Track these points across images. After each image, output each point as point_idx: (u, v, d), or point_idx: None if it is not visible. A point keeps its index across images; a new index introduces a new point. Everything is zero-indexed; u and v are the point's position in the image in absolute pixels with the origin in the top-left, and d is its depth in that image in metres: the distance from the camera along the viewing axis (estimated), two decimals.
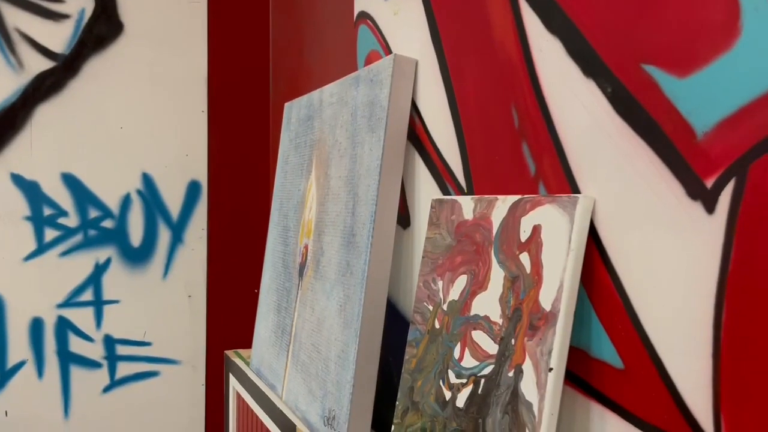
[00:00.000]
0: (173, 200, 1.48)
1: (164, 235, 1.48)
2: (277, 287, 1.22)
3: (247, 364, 1.33)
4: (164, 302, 1.48)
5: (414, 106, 0.90)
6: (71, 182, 1.41)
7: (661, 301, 0.52)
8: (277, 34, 1.59)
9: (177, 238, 1.49)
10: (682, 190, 0.50)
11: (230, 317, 1.55)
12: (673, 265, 0.51)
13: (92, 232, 1.42)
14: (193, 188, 1.50)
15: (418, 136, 0.90)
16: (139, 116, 1.46)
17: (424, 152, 0.89)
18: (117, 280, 1.44)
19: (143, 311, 1.46)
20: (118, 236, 1.44)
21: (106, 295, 1.43)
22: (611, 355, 0.57)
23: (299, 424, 1.00)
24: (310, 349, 1.02)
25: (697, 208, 0.49)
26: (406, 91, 0.89)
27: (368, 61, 1.06)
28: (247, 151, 1.57)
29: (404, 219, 0.95)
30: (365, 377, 0.87)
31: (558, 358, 0.57)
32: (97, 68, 1.43)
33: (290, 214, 1.21)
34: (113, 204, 1.44)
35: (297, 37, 1.44)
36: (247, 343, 1.42)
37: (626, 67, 0.55)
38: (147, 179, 1.46)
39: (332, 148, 1.05)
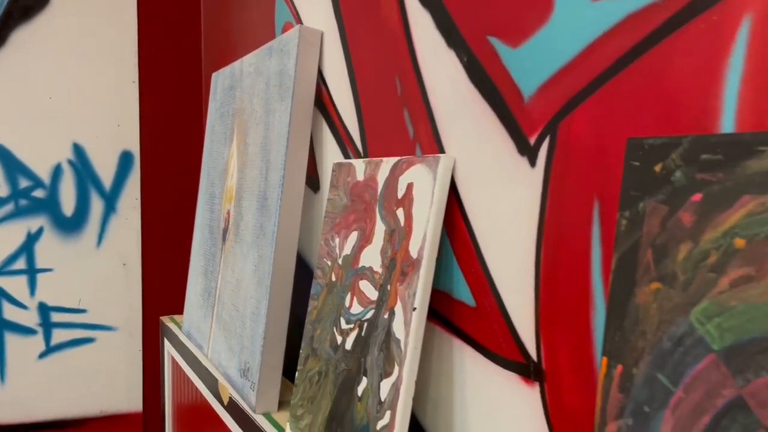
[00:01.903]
0: (105, 170, 1.53)
1: (97, 205, 1.53)
2: (204, 252, 1.28)
3: (181, 328, 1.40)
4: (99, 270, 1.53)
5: (321, 75, 0.97)
6: (0, 152, 1.45)
7: (500, 245, 0.61)
8: (208, 4, 1.63)
9: (110, 208, 1.54)
10: (514, 147, 0.59)
11: (165, 284, 1.61)
12: (508, 214, 0.60)
13: (23, 202, 1.46)
14: (125, 158, 1.55)
15: (324, 104, 0.97)
16: (69, 87, 1.49)
17: (330, 119, 0.96)
18: (50, 249, 1.49)
19: (77, 279, 1.52)
20: (49, 206, 1.48)
21: (40, 264, 1.48)
22: (467, 296, 0.66)
23: (221, 379, 1.08)
24: (230, 308, 1.10)
25: (524, 162, 0.58)
26: (312, 60, 0.96)
27: (284, 32, 1.12)
28: (179, 121, 1.62)
29: (315, 183, 1.02)
30: (275, 331, 0.95)
31: (421, 299, 0.66)
32: (24, 38, 1.46)
33: (216, 181, 1.27)
34: (44, 174, 1.48)
35: (225, 7, 1.49)
36: (182, 309, 1.49)
37: (476, 38, 0.63)
38: (78, 149, 1.50)
39: (250, 117, 1.11)
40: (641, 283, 0.41)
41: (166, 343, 1.47)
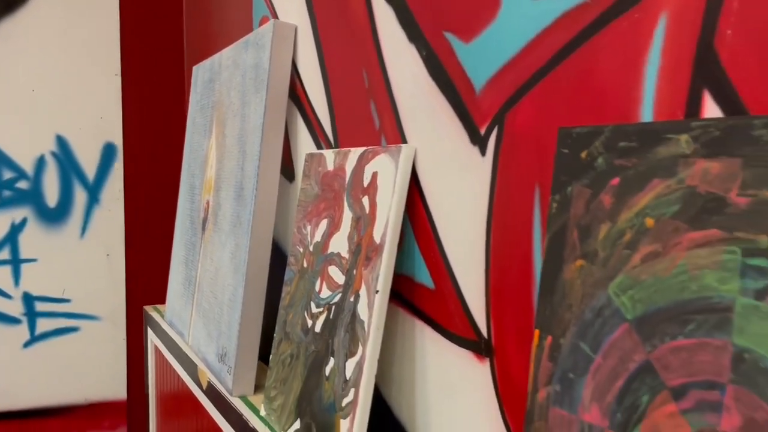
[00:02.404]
0: (88, 162, 1.56)
1: (80, 196, 1.56)
2: (185, 242, 1.32)
3: (164, 317, 1.43)
4: (82, 261, 1.56)
5: (295, 69, 1.00)
6: None
7: (455, 230, 0.65)
8: None
9: (93, 199, 1.57)
10: (467, 137, 0.62)
11: (148, 274, 1.64)
12: (462, 201, 0.63)
13: (7, 193, 1.48)
14: (108, 150, 1.58)
15: (298, 96, 1.00)
16: (52, 79, 1.52)
17: (303, 111, 0.99)
18: (34, 240, 1.52)
19: (62, 269, 1.55)
20: (33, 197, 1.51)
21: (24, 254, 1.51)
22: (427, 279, 0.70)
23: (200, 364, 1.12)
24: (209, 296, 1.13)
25: (475, 151, 0.61)
26: (286, 54, 0.99)
27: (260, 26, 1.15)
28: (161, 113, 1.65)
29: (290, 173, 1.06)
30: (251, 316, 0.98)
31: (383, 282, 0.70)
32: (7, 31, 1.48)
33: (196, 172, 1.30)
34: (27, 165, 1.51)
35: (206, 1, 1.51)
36: (165, 298, 1.53)
37: (434, 33, 0.67)
38: (61, 141, 1.53)
39: (228, 109, 1.14)
40: (568, 260, 0.45)
41: (150, 332, 1.50)
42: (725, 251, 0.36)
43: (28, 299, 1.52)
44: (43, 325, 1.54)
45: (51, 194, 1.53)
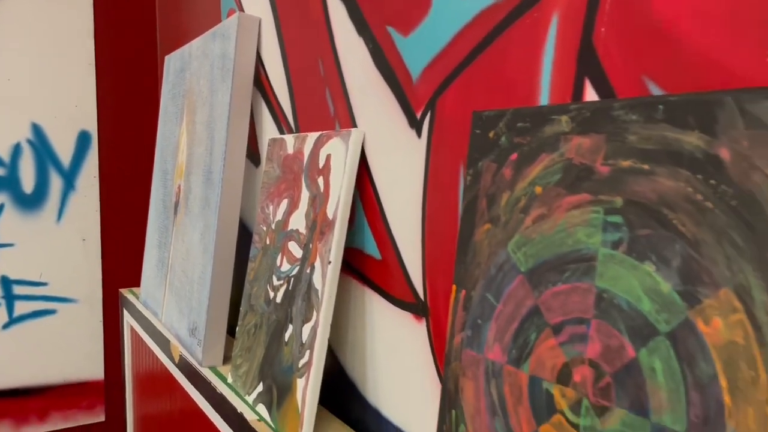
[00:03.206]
0: (64, 149, 1.61)
1: (56, 183, 1.61)
2: (159, 226, 1.38)
3: (139, 299, 1.50)
4: (59, 245, 1.62)
5: (260, 59, 1.07)
6: None
7: (398, 206, 0.72)
8: None
9: (69, 185, 1.63)
10: (406, 121, 0.70)
11: (123, 257, 1.71)
12: (402, 179, 0.71)
13: None
14: (83, 138, 1.63)
15: (263, 85, 1.07)
16: (27, 69, 1.57)
17: (267, 98, 1.06)
18: (10, 225, 1.57)
19: (38, 254, 1.60)
20: (10, 183, 1.56)
21: (1, 239, 1.56)
22: (374, 251, 0.78)
23: (172, 340, 1.19)
24: (181, 275, 1.20)
25: (413, 134, 0.69)
26: (250, 45, 1.06)
27: (228, 18, 1.22)
28: (135, 102, 1.70)
29: (256, 158, 1.13)
30: (219, 292, 1.06)
31: (335, 254, 0.78)
32: None
33: (168, 158, 1.37)
34: (3, 153, 1.56)
35: None
36: (140, 281, 1.59)
37: (378, 27, 0.74)
38: (37, 129, 1.58)
39: (197, 97, 1.21)
40: (478, 225, 0.53)
41: (125, 314, 1.57)
42: (592, 211, 0.44)
43: (6, 283, 1.58)
44: (21, 307, 1.59)
45: (27, 181, 1.58)
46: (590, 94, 0.48)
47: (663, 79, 0.43)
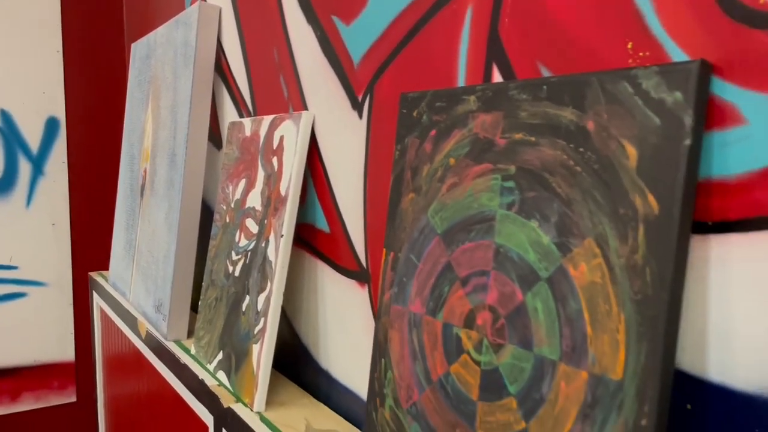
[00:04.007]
0: (32, 135, 1.65)
1: (25, 168, 1.65)
2: (126, 208, 1.44)
3: (108, 281, 1.55)
4: (29, 230, 1.67)
5: (220, 46, 1.13)
6: None
7: (343, 182, 0.79)
8: None
9: (38, 171, 1.67)
10: (349, 103, 0.77)
11: (92, 241, 1.75)
12: (347, 157, 0.78)
13: None
14: (51, 124, 1.67)
15: (224, 71, 1.13)
16: None
17: (228, 84, 1.12)
18: None
19: (8, 238, 1.65)
20: None
21: None
22: (324, 225, 0.84)
23: (139, 317, 1.25)
24: (147, 255, 1.26)
25: (355, 115, 0.76)
26: (211, 33, 1.12)
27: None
28: (103, 88, 1.75)
29: (218, 141, 1.19)
30: (183, 269, 1.12)
31: (287, 228, 0.84)
32: None
33: (135, 143, 1.42)
34: None
35: None
36: (109, 265, 1.64)
37: (325, 17, 0.81)
38: (5, 115, 1.62)
39: (162, 83, 1.26)
40: (404, 194, 0.60)
41: (95, 296, 1.62)
42: (492, 178, 0.51)
43: None
44: None
45: None
46: (497, 77, 0.55)
47: (551, 63, 0.50)
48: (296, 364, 0.94)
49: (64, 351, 1.74)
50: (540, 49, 0.51)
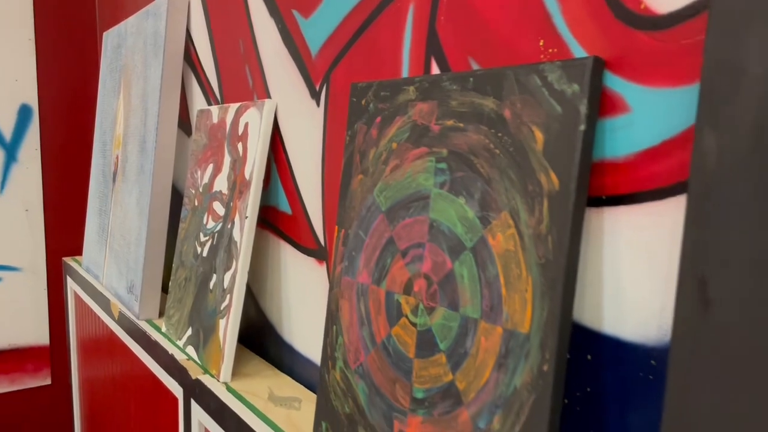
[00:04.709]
0: (5, 122, 1.68)
1: None
2: (99, 194, 1.48)
3: (81, 266, 1.59)
4: (2, 216, 1.70)
5: (189, 36, 1.18)
6: None
7: (303, 167, 0.85)
8: None
9: (11, 157, 1.70)
10: (308, 92, 0.82)
11: (66, 227, 1.79)
12: (306, 143, 0.84)
13: None
14: (24, 111, 1.70)
15: (193, 61, 1.18)
16: None
17: (197, 73, 1.17)
18: None
19: None
20: None
21: None
22: (286, 207, 0.90)
23: (112, 299, 1.30)
24: (119, 239, 1.31)
25: (313, 104, 0.81)
26: (180, 23, 1.17)
27: None
28: (75, 77, 1.78)
29: (188, 128, 1.24)
30: (154, 251, 1.17)
31: (251, 209, 0.90)
32: None
33: (107, 130, 1.46)
34: None
35: None
36: (82, 250, 1.68)
37: (285, 10, 0.86)
38: None
39: (133, 72, 1.31)
40: (354, 176, 0.66)
41: (69, 281, 1.66)
42: (428, 160, 0.57)
43: None
44: None
45: None
46: (435, 69, 0.62)
47: (479, 57, 0.56)
48: (262, 340, 1.00)
49: (39, 335, 1.78)
50: (470, 45, 0.57)
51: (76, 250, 1.80)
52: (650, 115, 0.43)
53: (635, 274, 0.45)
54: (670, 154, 0.42)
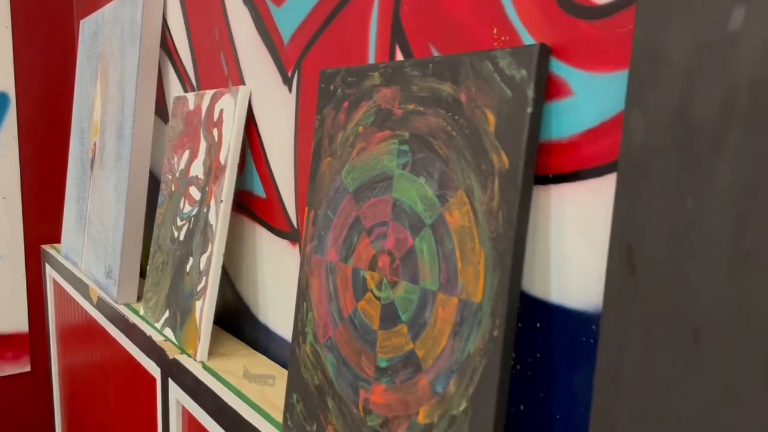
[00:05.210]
0: None
1: None
2: (77, 181, 1.50)
3: (60, 253, 1.61)
4: None
5: (166, 24, 1.20)
6: None
7: (277, 151, 0.88)
8: None
9: None
10: (281, 79, 0.85)
11: (44, 215, 1.80)
12: (279, 128, 0.86)
13: None
14: (1, 99, 1.71)
15: (169, 48, 1.20)
16: None
17: (173, 60, 1.19)
18: None
19: None
20: None
21: None
22: (261, 191, 0.93)
23: (91, 284, 1.32)
24: (98, 225, 1.33)
25: (285, 89, 0.84)
26: (156, 11, 1.18)
27: None
28: (53, 64, 1.79)
29: (165, 115, 1.26)
30: (132, 236, 1.19)
31: (226, 193, 0.93)
32: None
33: (85, 117, 1.48)
34: None
35: None
36: (61, 238, 1.69)
37: (257, 0, 0.89)
38: None
39: (110, 59, 1.32)
40: (323, 158, 0.70)
41: (48, 268, 1.67)
42: (391, 143, 0.61)
43: None
44: None
45: None
46: (399, 56, 0.65)
47: (439, 44, 0.60)
48: (238, 322, 1.03)
49: (18, 322, 1.79)
50: (431, 32, 0.61)
51: (55, 237, 1.81)
52: (591, 98, 0.47)
53: (578, 247, 0.49)
54: (607, 135, 0.46)
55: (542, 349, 0.52)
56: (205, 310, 0.92)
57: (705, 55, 0.36)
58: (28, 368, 1.82)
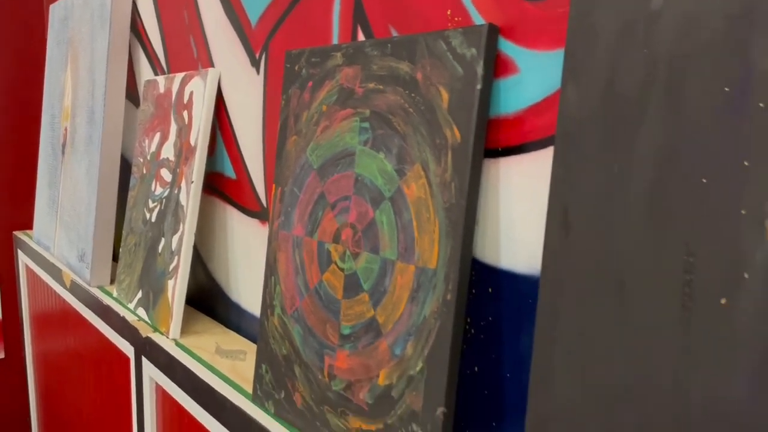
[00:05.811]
0: None
1: None
2: (48, 167, 1.50)
3: (32, 239, 1.61)
4: None
5: (136, 8, 1.21)
6: None
7: (246, 132, 0.90)
8: None
9: None
10: (249, 61, 0.88)
11: (16, 202, 1.81)
12: (248, 109, 0.89)
13: None
14: None
15: (139, 32, 1.21)
16: None
17: (144, 44, 1.21)
18: None
19: None
20: None
21: None
22: (231, 172, 0.96)
23: (63, 268, 1.33)
24: (69, 209, 1.34)
25: (253, 71, 0.87)
26: None
27: None
28: (22, 50, 1.78)
29: (136, 99, 1.27)
30: (104, 219, 1.21)
31: (196, 174, 0.95)
32: None
33: (55, 103, 1.48)
34: None
35: None
36: (33, 225, 1.70)
37: None
38: None
39: (80, 44, 1.33)
40: (288, 137, 0.72)
41: (20, 254, 1.68)
42: (353, 120, 0.64)
43: None
44: None
45: None
46: (361, 36, 0.68)
47: (398, 25, 0.63)
48: (211, 302, 1.05)
49: None
50: (390, 14, 0.64)
51: (27, 223, 1.81)
52: (535, 75, 0.50)
53: (525, 215, 0.52)
54: (549, 109, 0.49)
55: (494, 313, 0.56)
56: (177, 288, 0.95)
57: (630, 31, 0.40)
58: (2, 355, 1.82)
